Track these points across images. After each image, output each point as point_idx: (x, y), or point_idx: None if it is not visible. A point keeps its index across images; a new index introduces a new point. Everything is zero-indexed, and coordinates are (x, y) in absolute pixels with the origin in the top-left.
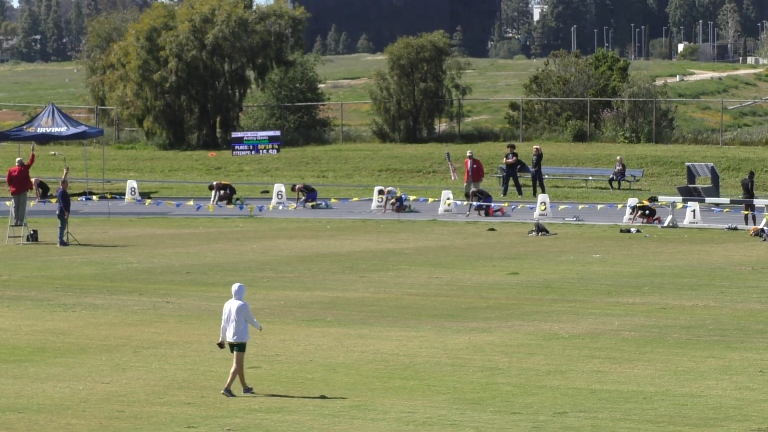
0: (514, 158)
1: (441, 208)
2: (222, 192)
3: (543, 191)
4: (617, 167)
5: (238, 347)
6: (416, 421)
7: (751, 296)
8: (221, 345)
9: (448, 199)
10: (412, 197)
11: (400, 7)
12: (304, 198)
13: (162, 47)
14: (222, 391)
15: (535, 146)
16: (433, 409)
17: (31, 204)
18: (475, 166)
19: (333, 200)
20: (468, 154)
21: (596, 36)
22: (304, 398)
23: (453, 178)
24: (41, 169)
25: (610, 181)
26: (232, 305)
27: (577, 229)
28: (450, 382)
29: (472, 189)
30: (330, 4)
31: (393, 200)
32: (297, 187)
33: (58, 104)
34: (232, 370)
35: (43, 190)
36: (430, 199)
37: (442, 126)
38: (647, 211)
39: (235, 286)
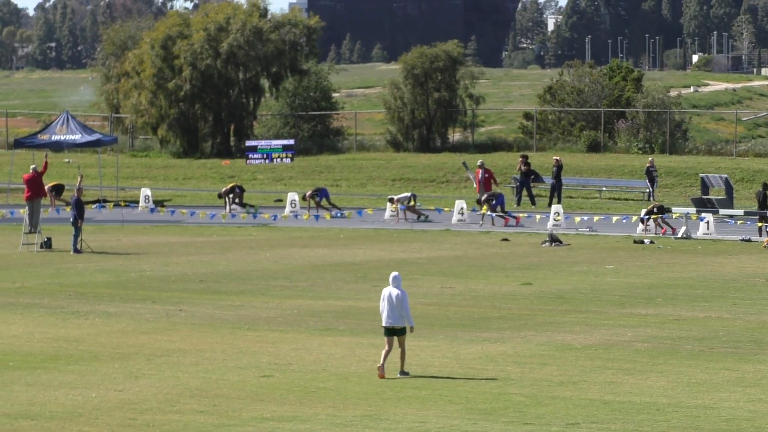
0: (527, 167)
1: (454, 218)
2: (232, 196)
3: (559, 202)
4: (651, 169)
5: (399, 331)
6: (428, 431)
7: (764, 308)
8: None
9: (462, 208)
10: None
11: (414, 17)
12: (317, 201)
13: (177, 56)
14: (398, 374)
15: (555, 157)
16: (446, 419)
17: (45, 212)
18: (486, 175)
19: (348, 215)
20: (479, 164)
21: (610, 46)
22: (316, 407)
23: (475, 185)
24: (55, 176)
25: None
26: (391, 292)
27: (590, 240)
28: (462, 392)
29: (484, 196)
30: (344, 13)
31: (411, 204)
32: (308, 194)
33: (73, 112)
34: (388, 353)
35: (57, 191)
36: (446, 209)
37: (455, 136)
38: (656, 210)
39: (392, 275)
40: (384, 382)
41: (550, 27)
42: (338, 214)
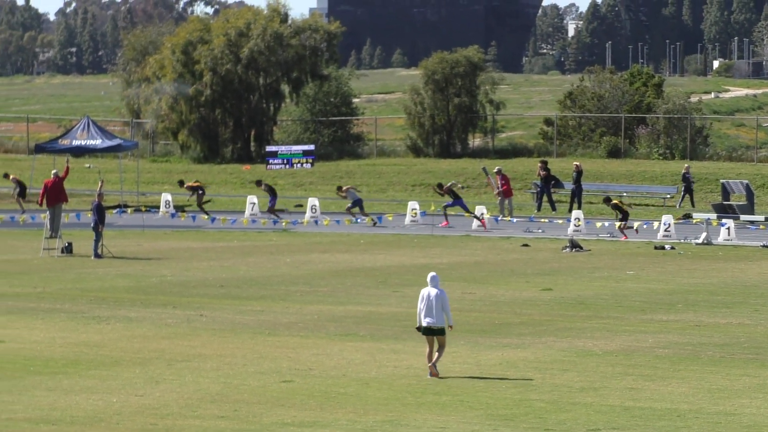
0: (546, 173)
1: (474, 223)
2: (191, 194)
3: (579, 207)
4: (687, 175)
5: (437, 331)
6: None
7: None
8: (419, 329)
9: (482, 213)
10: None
11: (434, 22)
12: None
13: (197, 61)
14: (428, 375)
15: (575, 162)
16: (466, 425)
17: (66, 218)
18: (502, 182)
19: (368, 221)
20: (496, 171)
21: (631, 52)
22: (337, 413)
23: (495, 191)
24: (76, 181)
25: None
26: (430, 292)
27: (611, 246)
28: (483, 397)
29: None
30: (365, 19)
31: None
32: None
33: (94, 117)
34: (435, 353)
35: (21, 188)
36: (466, 215)
37: (476, 141)
38: (620, 214)
39: (430, 275)
40: (405, 388)
41: (571, 32)
42: (378, 220)
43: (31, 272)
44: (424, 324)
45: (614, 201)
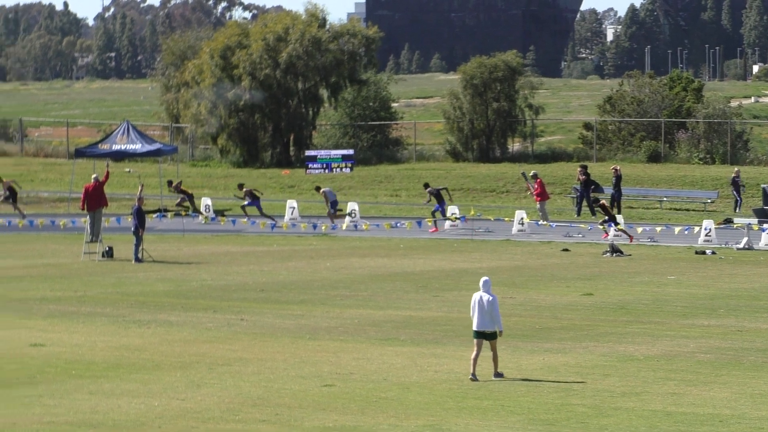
0: (585, 177)
1: (515, 228)
2: (182, 197)
3: (619, 212)
4: (737, 179)
5: (489, 335)
6: None
7: None
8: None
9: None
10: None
11: (473, 27)
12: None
13: (236, 65)
14: (492, 377)
15: (613, 167)
16: (507, 429)
17: (107, 222)
18: (537, 186)
19: (429, 221)
20: (531, 175)
21: (670, 57)
22: (378, 417)
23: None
24: (116, 186)
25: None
26: (482, 296)
27: (651, 251)
28: (524, 402)
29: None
30: (403, 24)
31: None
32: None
33: (133, 121)
34: (476, 358)
35: (11, 194)
36: (506, 219)
37: (515, 146)
38: (606, 215)
39: (483, 280)
40: (446, 392)
41: (609, 37)
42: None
43: (71, 276)
44: (475, 328)
45: (602, 202)
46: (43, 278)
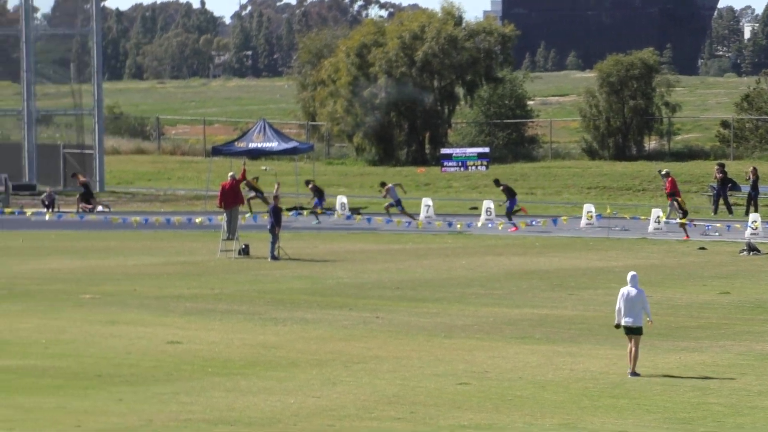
0: (722, 175)
1: (651, 227)
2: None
3: (756, 210)
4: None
5: (635, 330)
6: None
7: None
8: (617, 326)
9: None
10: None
11: (608, 25)
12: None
13: (372, 64)
14: (628, 374)
15: (752, 167)
16: (644, 428)
17: (243, 219)
18: (669, 184)
19: (564, 219)
20: (663, 173)
21: None
22: (513, 415)
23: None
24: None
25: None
26: (630, 291)
27: None
28: (660, 401)
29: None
30: (539, 22)
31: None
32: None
33: (269, 119)
34: (632, 353)
35: (87, 190)
36: (642, 217)
37: (651, 144)
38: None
39: (630, 274)
40: (581, 391)
41: (747, 35)
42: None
43: (208, 274)
44: (623, 323)
45: (678, 199)
46: (179, 276)
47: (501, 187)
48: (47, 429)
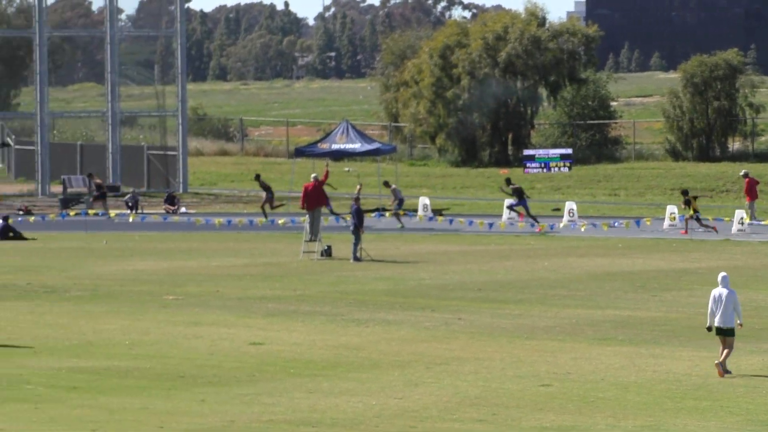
0: None
1: (734, 228)
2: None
3: None
4: None
5: (727, 332)
6: None
7: None
8: (709, 329)
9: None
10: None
11: (693, 26)
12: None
13: (455, 65)
14: (717, 365)
15: None
16: (726, 430)
17: (326, 221)
18: (748, 185)
19: (647, 221)
20: (742, 174)
21: None
22: (595, 417)
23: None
24: (335, 185)
25: None
26: (721, 292)
27: None
28: (743, 403)
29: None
30: (623, 23)
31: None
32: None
33: (352, 121)
34: (724, 352)
35: (100, 193)
36: (726, 219)
37: (735, 145)
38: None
39: (721, 275)
40: (664, 393)
41: None
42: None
43: (291, 275)
44: (715, 324)
45: (694, 195)
46: (262, 277)
47: (511, 187)
48: (131, 430)
